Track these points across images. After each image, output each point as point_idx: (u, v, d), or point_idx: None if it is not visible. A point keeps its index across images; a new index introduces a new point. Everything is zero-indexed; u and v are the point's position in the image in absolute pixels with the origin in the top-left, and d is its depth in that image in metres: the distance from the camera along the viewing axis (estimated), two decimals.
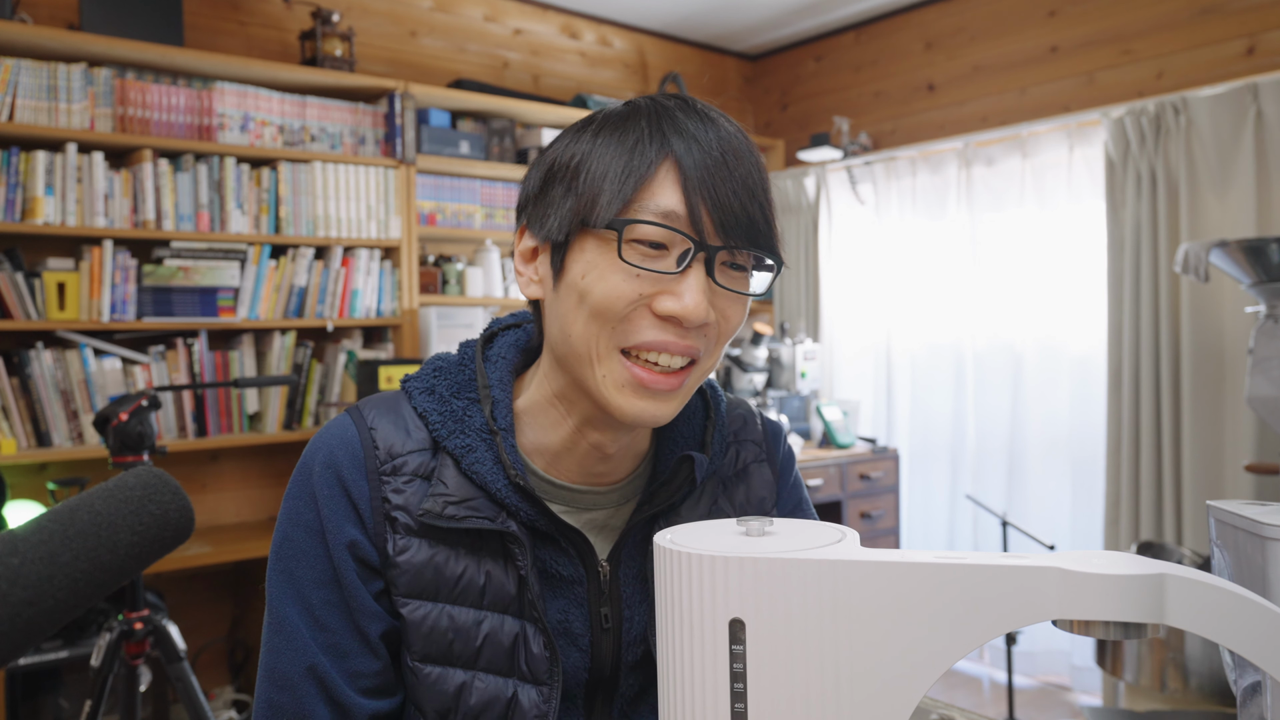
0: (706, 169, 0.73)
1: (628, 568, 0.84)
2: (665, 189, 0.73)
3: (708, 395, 0.91)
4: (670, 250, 0.74)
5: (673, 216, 0.73)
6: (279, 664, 0.78)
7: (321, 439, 0.82)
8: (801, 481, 0.98)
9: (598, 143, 0.76)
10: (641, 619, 0.84)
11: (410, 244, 3.28)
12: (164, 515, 0.56)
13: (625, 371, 0.75)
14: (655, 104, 0.77)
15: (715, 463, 0.88)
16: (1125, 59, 3.42)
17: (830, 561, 0.51)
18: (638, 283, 0.73)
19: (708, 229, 0.73)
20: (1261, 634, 0.47)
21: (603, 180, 0.74)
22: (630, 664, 0.84)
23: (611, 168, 0.74)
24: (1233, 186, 3.00)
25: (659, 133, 0.75)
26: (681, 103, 0.78)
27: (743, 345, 4.03)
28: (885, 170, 4.08)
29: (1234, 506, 0.62)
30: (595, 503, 0.85)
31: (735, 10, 4.16)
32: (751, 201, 0.75)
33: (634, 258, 0.73)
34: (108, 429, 1.95)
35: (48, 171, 2.65)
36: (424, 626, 0.78)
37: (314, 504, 0.79)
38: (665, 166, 0.74)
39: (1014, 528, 3.14)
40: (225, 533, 3.04)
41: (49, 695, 2.60)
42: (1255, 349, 2.42)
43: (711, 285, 0.74)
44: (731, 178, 0.74)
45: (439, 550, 0.79)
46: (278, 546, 0.80)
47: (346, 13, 3.49)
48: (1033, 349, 3.60)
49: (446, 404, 0.82)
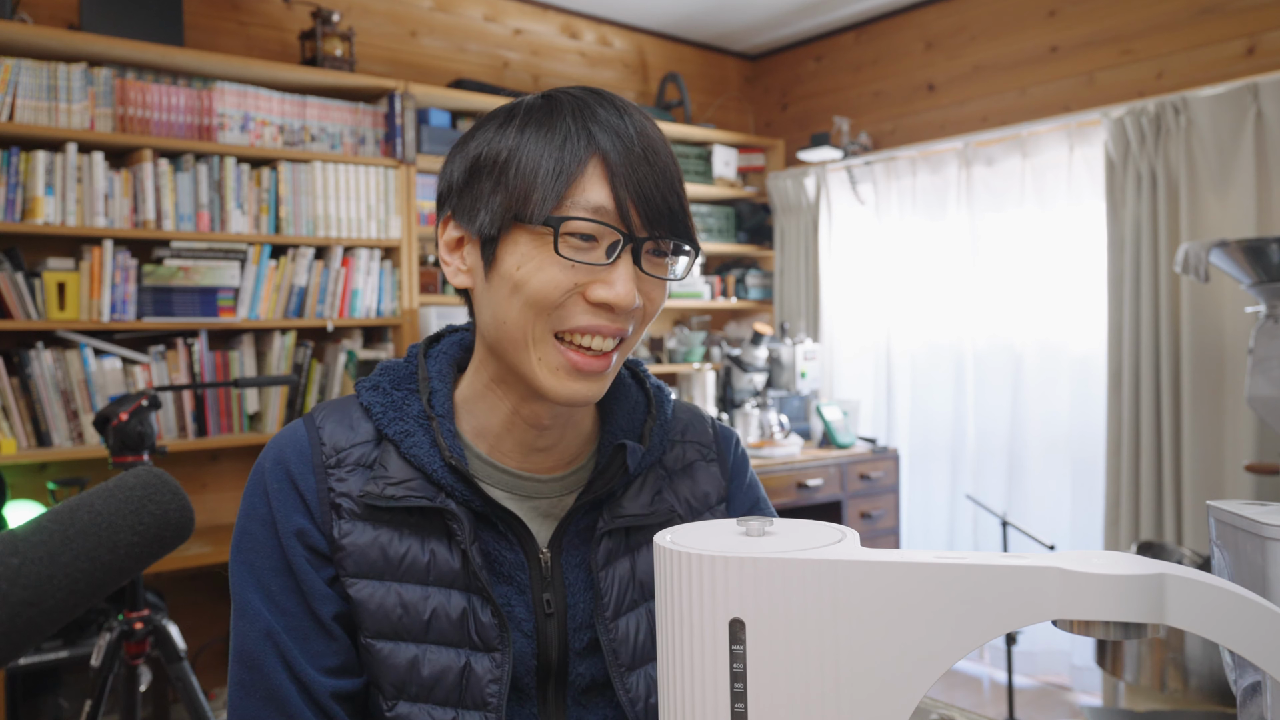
0: (630, 164, 0.78)
1: (570, 555, 0.88)
2: (594, 184, 0.78)
3: (651, 393, 0.96)
4: (599, 241, 0.79)
5: (602, 211, 0.78)
6: (245, 644, 0.82)
7: (274, 441, 0.87)
8: (758, 483, 1.02)
9: (525, 137, 0.80)
10: (586, 606, 0.87)
11: (410, 244, 3.29)
12: (164, 515, 0.56)
13: (560, 356, 0.80)
14: (575, 99, 0.81)
15: (653, 455, 0.91)
16: (1125, 59, 3.43)
17: (830, 561, 0.51)
18: (572, 273, 0.78)
19: (634, 221, 0.79)
20: (1261, 634, 0.47)
21: (534, 176, 0.78)
22: (578, 650, 0.86)
23: (542, 164, 0.78)
24: (1233, 186, 3.00)
25: (584, 129, 0.79)
26: (597, 96, 0.82)
27: (743, 345, 4.03)
28: (885, 170, 4.08)
29: (1234, 506, 0.62)
30: (539, 490, 0.89)
31: (735, 10, 4.16)
32: (670, 193, 0.80)
33: (567, 251, 0.78)
34: (108, 429, 1.95)
35: (48, 171, 2.65)
36: (372, 604, 0.82)
37: (266, 499, 0.84)
38: (593, 162, 0.78)
39: (1014, 528, 3.14)
40: (225, 533, 3.04)
41: (49, 695, 2.60)
42: (1255, 349, 2.42)
43: (638, 273, 0.80)
44: (652, 171, 0.79)
45: (382, 531, 0.83)
46: (237, 539, 0.85)
47: (346, 13, 3.49)
48: (1033, 349, 3.60)
49: (388, 395, 0.87)
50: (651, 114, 4.05)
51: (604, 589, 0.86)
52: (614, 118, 0.80)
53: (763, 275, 4.55)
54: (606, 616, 0.86)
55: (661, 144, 0.82)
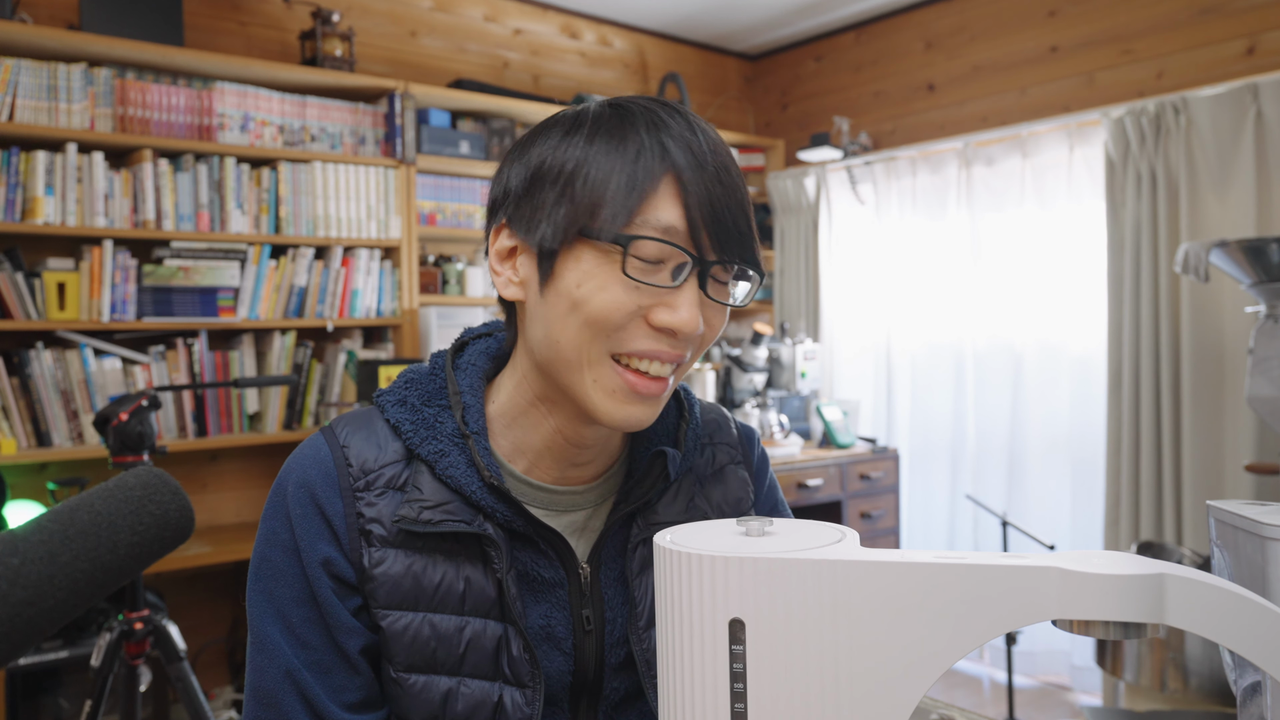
0: (704, 183, 0.74)
1: (608, 569, 0.85)
2: (666, 203, 0.74)
3: (680, 396, 0.93)
4: (666, 263, 0.75)
5: (672, 231, 0.74)
6: (263, 681, 0.78)
7: (295, 460, 0.82)
8: (777, 484, 1.00)
9: (594, 149, 0.75)
10: (623, 620, 0.85)
11: (410, 244, 3.29)
12: (164, 515, 0.56)
13: (617, 378, 0.76)
14: (646, 110, 0.77)
15: (689, 460, 0.89)
16: (1125, 59, 3.42)
17: (830, 561, 0.51)
18: (636, 295, 0.74)
19: (704, 243, 0.75)
20: (1261, 634, 0.47)
21: (604, 191, 0.74)
22: (614, 666, 0.84)
23: (613, 179, 0.74)
24: (1233, 186, 3.00)
25: (658, 143, 0.75)
26: (668, 109, 0.78)
27: (743, 345, 4.03)
28: (885, 170, 4.08)
29: (1234, 506, 0.62)
30: (573, 503, 0.86)
31: (735, 10, 4.16)
32: (741, 215, 0.76)
33: (634, 271, 0.74)
34: (108, 429, 1.95)
35: (48, 171, 2.65)
36: (406, 636, 0.78)
37: (289, 524, 0.79)
38: (667, 179, 0.74)
39: (1014, 528, 3.14)
40: (225, 533, 3.04)
41: (49, 695, 2.60)
42: (1255, 349, 2.42)
43: (702, 297, 0.76)
44: (724, 191, 0.75)
45: (416, 559, 0.79)
46: (256, 567, 0.81)
47: (346, 13, 3.49)
48: (1033, 349, 3.60)
49: (418, 413, 0.83)
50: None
51: (638, 598, 0.84)
52: (687, 132, 0.76)
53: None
54: (640, 626, 0.84)
55: (732, 162, 0.78)
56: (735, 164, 0.78)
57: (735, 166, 0.78)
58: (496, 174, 0.83)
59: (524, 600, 0.82)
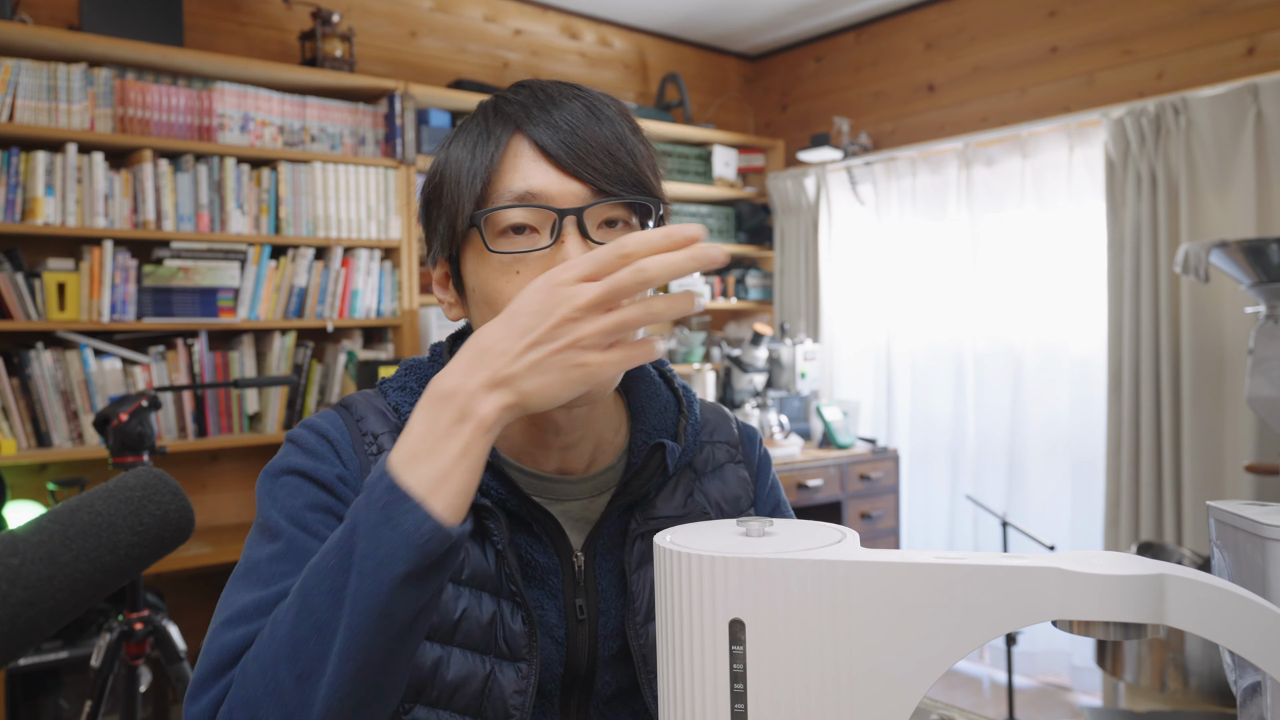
0: (553, 137, 0.74)
1: (604, 560, 0.85)
2: (512, 171, 0.75)
3: (680, 395, 0.93)
4: (540, 230, 0.75)
5: (529, 195, 0.74)
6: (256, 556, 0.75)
7: (308, 420, 0.83)
8: (779, 484, 0.99)
9: (449, 152, 0.79)
10: (617, 612, 0.85)
11: (410, 244, 3.29)
12: (164, 515, 0.56)
13: None
14: (499, 97, 0.79)
15: (688, 455, 0.89)
16: (1125, 59, 3.43)
17: (830, 562, 0.51)
18: (520, 278, 0.74)
19: (569, 194, 0.74)
20: (1261, 634, 0.47)
21: (457, 185, 0.76)
22: (606, 658, 0.84)
23: (463, 169, 0.76)
24: (1233, 186, 3.00)
25: (499, 117, 0.76)
26: (521, 86, 0.79)
27: (743, 345, 4.03)
28: (885, 170, 4.08)
29: (1234, 507, 0.62)
30: (569, 493, 0.86)
31: (735, 10, 4.16)
32: (605, 156, 0.74)
33: (501, 245, 0.74)
34: (108, 429, 1.95)
35: (48, 172, 2.65)
36: None
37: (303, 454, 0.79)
38: (510, 149, 0.75)
39: (1014, 528, 3.14)
40: (225, 533, 3.04)
41: (49, 695, 2.60)
42: (1255, 349, 2.42)
43: (592, 247, 0.73)
44: (577, 138, 0.74)
45: None
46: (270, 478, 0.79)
47: (346, 13, 3.49)
48: (1033, 349, 3.60)
49: (417, 395, 0.84)
50: (651, 115, 4.07)
51: (636, 592, 0.84)
52: (526, 97, 0.76)
53: (763, 276, 4.55)
54: (638, 621, 0.84)
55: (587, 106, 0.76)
56: (599, 105, 0.77)
57: (598, 107, 0.76)
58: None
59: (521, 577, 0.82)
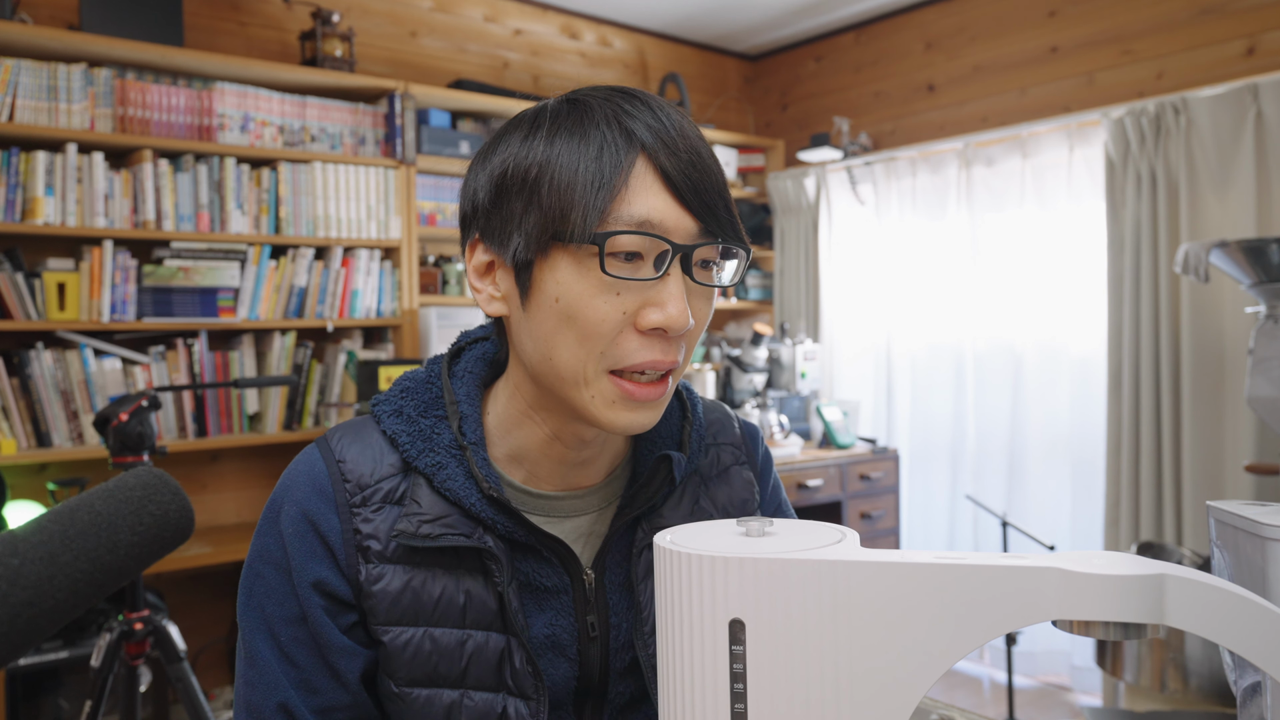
0: (676, 167, 0.72)
1: (613, 575, 0.84)
2: (637, 195, 0.71)
3: (684, 396, 0.91)
4: (645, 257, 0.72)
5: (648, 224, 0.71)
6: (253, 697, 0.78)
7: (290, 476, 0.81)
8: (780, 484, 0.98)
9: (555, 148, 0.73)
10: (628, 626, 0.83)
11: (410, 244, 3.29)
12: (164, 515, 0.56)
13: (615, 389, 0.74)
14: (605, 100, 0.75)
15: (694, 462, 0.87)
16: (1125, 59, 3.42)
17: (830, 562, 0.51)
18: (619, 300, 0.72)
19: (682, 229, 0.72)
20: (1261, 634, 0.47)
21: (571, 192, 0.71)
22: (619, 671, 0.83)
23: (579, 178, 0.71)
24: (1233, 186, 3.00)
25: (623, 133, 0.72)
26: (627, 95, 0.75)
27: (743, 345, 4.03)
28: (885, 170, 4.08)
29: (1234, 507, 0.62)
30: (575, 509, 0.84)
31: (735, 10, 4.16)
32: (717, 191, 0.74)
33: (614, 269, 0.71)
34: (108, 429, 1.95)
35: (48, 172, 2.65)
36: (407, 651, 0.77)
37: (281, 542, 0.79)
38: (636, 170, 0.71)
39: (1014, 528, 3.14)
40: (225, 533, 3.04)
41: (49, 695, 2.60)
42: (1255, 349, 2.42)
43: (689, 284, 0.73)
44: (698, 172, 0.73)
45: (415, 574, 0.78)
46: (249, 581, 0.80)
47: (346, 13, 3.49)
48: (1033, 349, 3.60)
49: (414, 424, 0.81)
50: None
51: (644, 602, 0.83)
52: (649, 117, 0.73)
53: (763, 275, 4.55)
54: (645, 632, 0.83)
55: (702, 141, 0.75)
56: (705, 142, 0.76)
57: (706, 145, 0.75)
58: (463, 185, 0.80)
59: (527, 609, 0.81)
